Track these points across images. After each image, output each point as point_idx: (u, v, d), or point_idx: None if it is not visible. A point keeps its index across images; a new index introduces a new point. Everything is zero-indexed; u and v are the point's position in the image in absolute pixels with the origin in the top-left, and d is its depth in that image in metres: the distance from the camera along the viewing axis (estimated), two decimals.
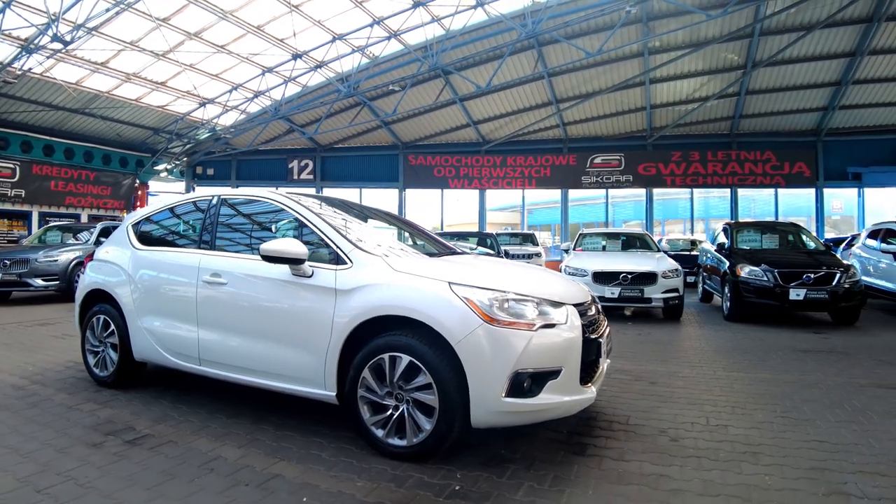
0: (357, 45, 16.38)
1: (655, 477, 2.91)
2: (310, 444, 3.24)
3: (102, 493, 2.59)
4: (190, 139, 21.61)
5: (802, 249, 9.63)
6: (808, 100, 18.28)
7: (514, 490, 2.69)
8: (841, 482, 2.90)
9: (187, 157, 22.85)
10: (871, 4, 14.04)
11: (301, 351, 3.28)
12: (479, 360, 2.81)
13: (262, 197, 3.98)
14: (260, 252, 3.31)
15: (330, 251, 3.35)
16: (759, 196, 22.93)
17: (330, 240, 3.39)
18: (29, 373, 4.79)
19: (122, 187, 21.69)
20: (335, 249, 3.33)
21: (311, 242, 3.44)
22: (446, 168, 23.05)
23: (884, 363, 5.81)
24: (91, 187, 20.64)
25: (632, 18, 14.52)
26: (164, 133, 20.85)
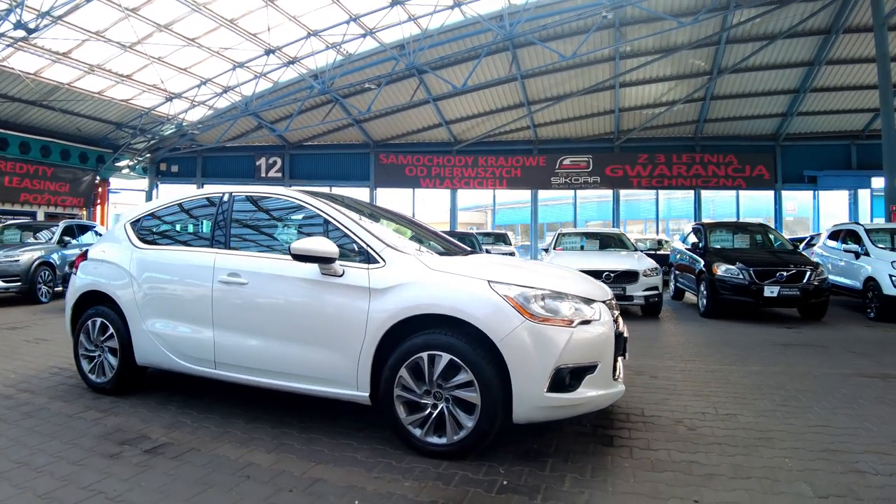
0: (332, 41, 16.23)
1: (686, 464, 3.02)
2: (341, 446, 3.18)
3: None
4: (154, 135, 20.94)
5: (773, 249, 10.05)
6: (768, 106, 19.07)
7: (559, 482, 2.75)
8: (853, 461, 3.10)
9: (151, 154, 22.13)
10: (830, 17, 14.78)
11: (332, 351, 3.22)
12: (522, 356, 2.86)
13: (278, 194, 3.88)
14: (291, 251, 3.22)
15: (360, 250, 3.29)
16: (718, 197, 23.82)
17: (360, 238, 3.34)
18: (12, 380, 4.50)
19: (81, 184, 20.83)
20: (365, 248, 3.28)
21: (338, 241, 3.39)
22: (418, 167, 23.04)
23: (859, 355, 6.14)
24: (48, 184, 19.74)
25: (605, 23, 14.84)
26: (128, 128, 20.14)
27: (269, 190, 3.99)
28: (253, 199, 4.01)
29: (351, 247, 3.33)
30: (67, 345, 5.94)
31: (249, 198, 4.01)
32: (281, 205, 3.93)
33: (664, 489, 2.71)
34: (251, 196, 4.02)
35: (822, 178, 20.14)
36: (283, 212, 3.96)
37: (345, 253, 3.31)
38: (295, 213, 3.87)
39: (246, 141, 21.59)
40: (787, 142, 20.42)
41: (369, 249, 3.27)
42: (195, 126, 19.62)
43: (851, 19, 14.70)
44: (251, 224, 3.97)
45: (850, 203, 20.19)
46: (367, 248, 3.28)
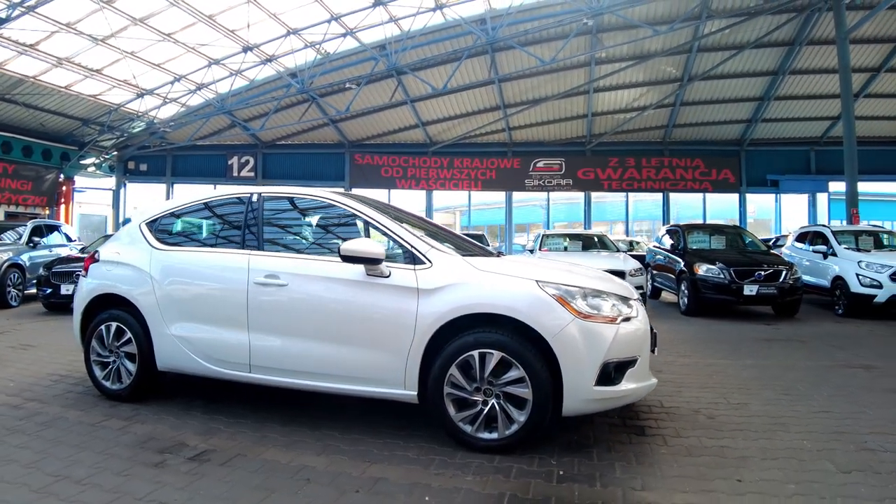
0: (311, 40, 16.12)
1: (718, 448, 3.23)
2: (388, 445, 3.21)
3: None
4: (123, 132, 20.33)
5: (748, 249, 10.52)
6: (734, 112, 19.84)
7: (610, 470, 2.91)
8: (862, 441, 3.39)
9: (118, 152, 21.47)
10: (794, 30, 15.52)
11: (379, 352, 3.25)
12: (572, 352, 3.00)
13: (312, 195, 3.89)
14: (340, 252, 3.25)
15: (404, 251, 3.35)
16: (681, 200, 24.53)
17: (404, 240, 3.39)
18: (13, 389, 4.29)
19: (44, 182, 20.06)
20: (410, 249, 3.34)
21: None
22: (394, 168, 23.04)
23: (837, 348, 6.54)
24: (9, 181, 18.92)
25: (583, 30, 15.20)
26: (95, 125, 19.50)
27: (303, 191, 3.98)
28: (285, 200, 4.01)
29: (394, 248, 3.38)
30: (58, 350, 5.79)
31: (281, 199, 4.00)
32: (315, 205, 3.94)
33: (707, 472, 2.90)
34: (283, 197, 4.01)
35: (784, 181, 21.06)
36: (319, 213, 3.97)
37: (388, 254, 3.34)
38: (332, 214, 3.89)
39: (218, 140, 21.19)
40: (751, 147, 21.26)
41: (414, 251, 3.33)
42: (167, 124, 19.15)
43: (814, 33, 15.47)
44: (285, 225, 3.98)
45: (809, 206, 21.17)
46: (412, 249, 3.34)
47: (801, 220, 21.14)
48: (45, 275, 9.20)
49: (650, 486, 2.72)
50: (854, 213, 12.54)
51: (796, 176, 21.03)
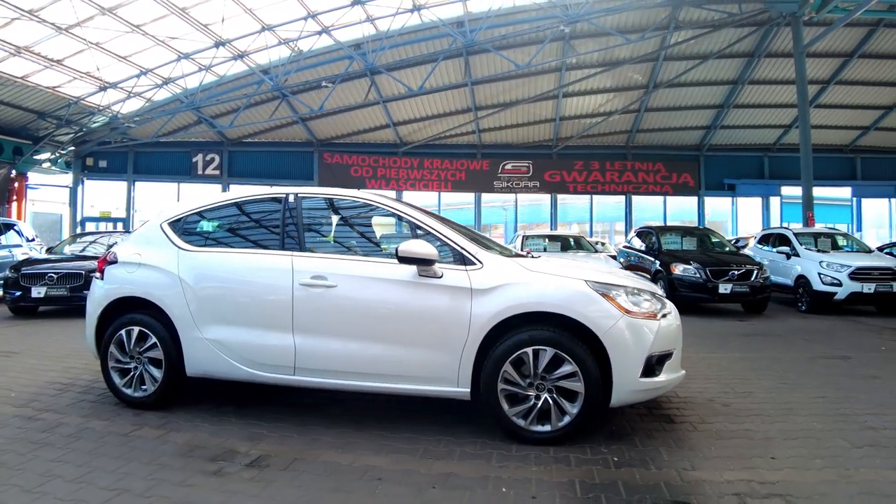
0: (285, 37, 15.93)
1: (743, 431, 3.52)
2: (442, 442, 3.28)
3: None
4: (82, 127, 19.50)
5: (719, 250, 11.06)
6: (695, 119, 20.72)
7: (657, 454, 3.13)
8: (863, 421, 3.76)
9: (76, 147, 20.57)
10: (755, 42, 16.37)
11: (432, 350, 3.33)
12: (622, 347, 3.19)
13: (353, 196, 3.93)
14: (398, 253, 3.30)
15: (454, 252, 3.44)
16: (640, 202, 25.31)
17: (453, 241, 3.48)
18: (19, 400, 4.06)
19: None
20: (460, 251, 3.43)
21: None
22: (363, 168, 22.96)
23: (811, 341, 7.04)
24: None
25: (557, 36, 15.59)
26: (51, 118, 18.63)
27: (340, 192, 4.02)
28: (323, 201, 4.03)
29: (443, 249, 3.45)
30: (47, 357, 5.56)
31: (319, 199, 4.02)
32: (354, 205, 3.98)
33: (742, 451, 3.18)
34: (321, 197, 4.02)
35: (740, 185, 22.11)
36: (360, 214, 4.00)
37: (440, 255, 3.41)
38: (376, 215, 3.92)
39: (182, 137, 20.58)
40: (709, 152, 22.21)
41: (464, 252, 3.43)
42: (131, 119, 18.51)
43: (772, 46, 16.36)
44: (326, 226, 4.00)
45: (763, 209, 22.29)
46: (462, 250, 3.44)
47: (755, 222, 22.25)
48: (12, 276, 8.78)
49: (699, 467, 2.95)
50: (810, 216, 13.34)
51: (751, 180, 22.11)
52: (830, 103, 18.85)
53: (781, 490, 2.69)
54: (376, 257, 3.66)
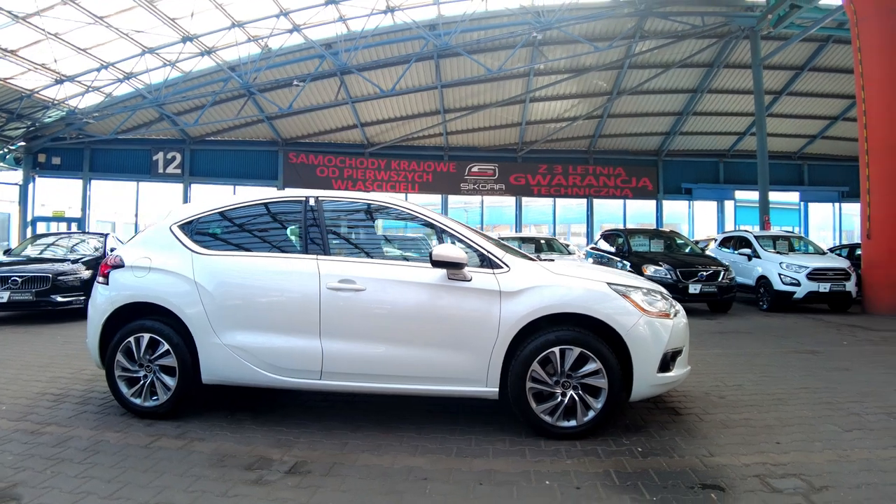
0: (255, 34, 15.70)
1: (745, 420, 3.79)
2: (472, 441, 3.37)
3: None
4: (34, 121, 18.62)
5: (686, 252, 11.57)
6: (655, 125, 21.49)
7: (674, 444, 3.34)
8: (846, 408, 4.10)
9: (27, 143, 19.59)
10: (714, 53, 17.16)
11: (462, 352, 3.41)
12: (642, 345, 3.39)
13: (376, 200, 3.99)
14: (432, 257, 3.38)
15: (481, 256, 3.54)
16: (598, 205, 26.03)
17: (480, 246, 3.59)
18: (14, 413, 3.82)
19: None
20: (487, 255, 3.54)
21: None
22: (329, 168, 22.75)
23: (780, 337, 7.50)
24: None
25: (528, 42, 15.93)
26: (1, 111, 17.72)
27: (360, 196, 4.10)
28: (347, 204, 4.06)
29: (470, 253, 3.53)
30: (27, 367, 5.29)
31: (342, 202, 4.04)
32: (376, 209, 4.02)
33: (748, 438, 3.43)
34: (343, 201, 4.05)
35: (696, 189, 23.04)
36: (385, 217, 4.06)
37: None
38: (400, 219, 3.98)
39: (142, 134, 19.91)
40: (667, 157, 23.06)
41: (491, 256, 3.54)
42: (89, 114, 17.79)
43: (730, 57, 17.19)
44: (350, 230, 4.03)
45: (718, 212, 23.30)
46: (489, 254, 3.55)
47: (710, 225, 23.23)
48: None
49: (716, 453, 3.18)
50: (766, 219, 14.10)
51: (707, 185, 23.07)
52: (781, 113, 19.90)
53: (794, 470, 2.94)
54: (404, 261, 3.73)
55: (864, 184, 9.79)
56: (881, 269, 9.49)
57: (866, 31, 9.51)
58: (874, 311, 9.53)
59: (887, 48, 9.38)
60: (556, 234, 26.00)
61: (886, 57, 9.37)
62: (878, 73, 9.44)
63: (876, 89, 9.46)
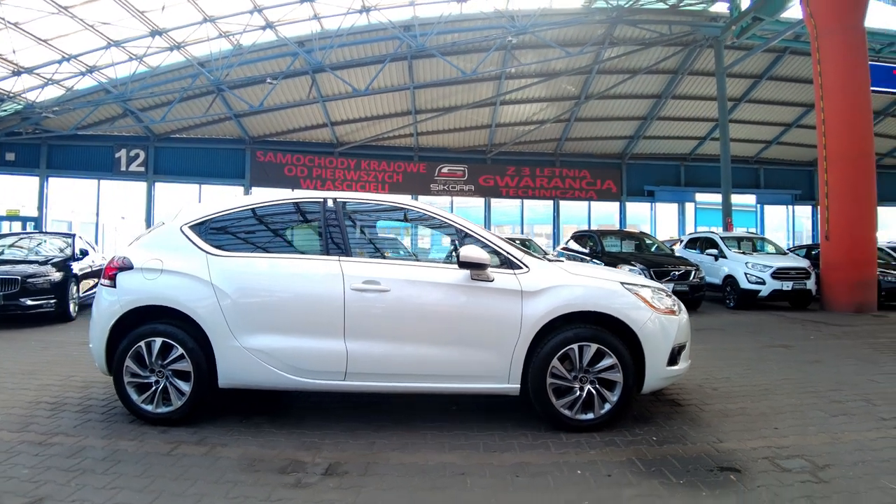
0: (227, 30, 15.44)
1: (741, 409, 4.07)
2: (494, 437, 3.47)
3: None
4: None
5: (656, 252, 12.02)
6: (620, 129, 22.15)
7: (683, 432, 3.57)
8: (828, 395, 4.45)
9: None
10: (679, 61, 17.84)
11: (486, 350, 3.52)
12: (654, 340, 3.61)
13: (394, 203, 4.07)
14: (460, 258, 3.48)
15: (501, 257, 3.65)
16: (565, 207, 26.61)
17: (499, 247, 3.70)
18: (11, 424, 3.63)
19: None
20: (507, 256, 3.66)
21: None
22: (298, 167, 22.50)
23: (752, 333, 7.92)
24: None
25: (501, 46, 16.20)
26: None
27: (382, 197, 4.16)
28: (367, 206, 4.12)
29: (491, 254, 3.63)
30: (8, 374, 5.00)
31: (362, 204, 4.09)
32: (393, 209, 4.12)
33: (748, 425, 3.71)
34: (364, 202, 4.10)
35: (658, 192, 23.84)
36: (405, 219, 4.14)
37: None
38: (421, 220, 4.06)
39: (104, 130, 19.27)
40: (631, 160, 23.78)
41: (511, 257, 3.67)
42: (48, 108, 17.10)
43: (694, 65, 17.90)
44: (371, 231, 4.09)
45: (679, 214, 24.15)
46: (509, 255, 3.67)
47: (671, 226, 24.05)
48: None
49: (724, 440, 3.42)
50: (729, 221, 14.76)
51: (668, 187, 23.91)
52: (740, 119, 20.80)
53: (796, 452, 3.20)
54: (425, 262, 3.83)
55: (823, 189, 10.39)
56: (839, 269, 10.11)
57: (826, 46, 10.12)
58: (832, 308, 10.14)
59: (846, 63, 10.01)
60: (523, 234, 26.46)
61: (845, 71, 9.99)
62: (837, 86, 10.06)
63: (834, 101, 10.07)
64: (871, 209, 10.14)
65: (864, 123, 10.10)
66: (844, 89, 9.98)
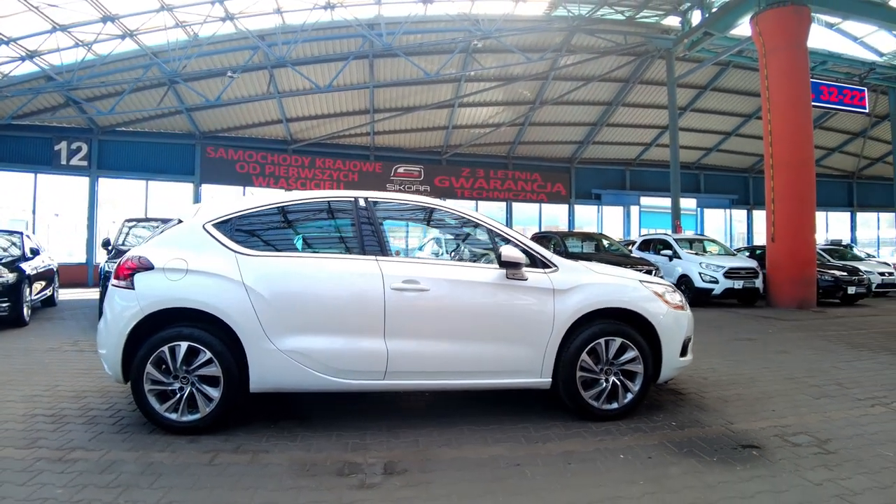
0: (183, 19, 14.90)
1: (737, 395, 4.49)
2: (529, 429, 3.64)
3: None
4: None
5: (616, 253, 12.59)
6: (571, 134, 22.91)
7: (696, 417, 3.91)
8: (805, 381, 4.96)
9: None
10: (631, 70, 18.69)
11: (521, 346, 3.69)
12: (669, 333, 3.92)
13: (420, 202, 4.18)
14: (501, 258, 3.65)
15: (531, 257, 3.82)
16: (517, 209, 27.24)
17: (530, 247, 3.87)
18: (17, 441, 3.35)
19: None
20: (537, 255, 3.85)
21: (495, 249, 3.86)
22: (250, 164, 21.91)
23: (715, 328, 8.51)
24: None
25: (464, 48, 16.45)
26: None
27: (406, 197, 4.24)
28: (399, 205, 4.18)
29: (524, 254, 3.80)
30: None
31: (395, 203, 4.15)
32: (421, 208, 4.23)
33: (748, 408, 4.12)
34: (392, 202, 4.13)
35: (605, 195, 24.82)
36: (437, 219, 4.26)
37: None
38: (452, 221, 4.21)
39: (43, 120, 18.09)
40: (580, 165, 24.62)
41: (541, 257, 3.86)
42: None
43: (644, 75, 18.80)
44: (404, 230, 4.18)
45: (625, 217, 25.22)
46: (540, 255, 3.87)
47: (617, 229, 25.07)
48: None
49: (734, 422, 3.79)
50: (678, 224, 15.63)
51: (615, 191, 24.92)
52: (684, 126, 21.92)
53: (799, 430, 3.61)
54: (461, 261, 3.98)
55: (770, 194, 11.26)
56: (783, 268, 11.00)
57: (773, 63, 10.98)
58: (777, 305, 11.01)
59: (791, 78, 10.91)
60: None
61: (790, 86, 10.89)
62: (783, 100, 10.94)
63: (780, 114, 10.95)
64: (812, 213, 11.10)
65: (806, 134, 11.04)
66: (789, 103, 10.88)
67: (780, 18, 11.01)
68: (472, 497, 2.71)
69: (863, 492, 2.73)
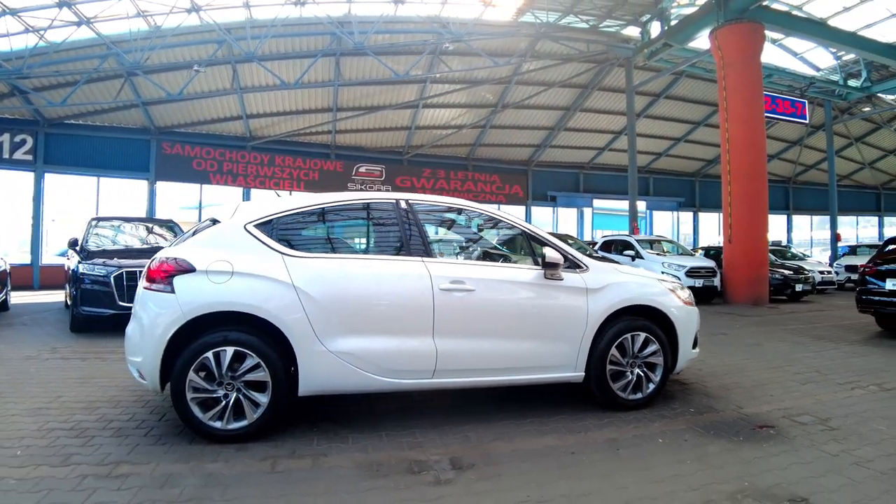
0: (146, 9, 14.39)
1: (735, 384, 4.94)
2: (567, 420, 3.85)
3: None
4: None
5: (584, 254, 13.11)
6: (529, 138, 23.54)
7: (708, 403, 4.31)
8: (788, 369, 5.49)
9: None
10: (591, 77, 19.43)
11: (559, 343, 3.93)
12: (685, 327, 4.30)
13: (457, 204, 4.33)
14: (546, 259, 3.87)
15: (565, 258, 4.02)
16: None
17: (562, 248, 4.07)
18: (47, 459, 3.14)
19: None
20: (570, 257, 4.06)
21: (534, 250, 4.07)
22: (207, 161, 21.29)
23: None
24: None
25: (432, 50, 16.66)
26: None
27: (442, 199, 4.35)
28: (435, 207, 4.31)
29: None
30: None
31: (435, 205, 4.28)
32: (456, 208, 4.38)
33: (751, 394, 4.57)
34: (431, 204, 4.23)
35: (560, 197, 25.63)
36: (476, 221, 4.43)
37: None
38: (490, 223, 4.42)
39: None
40: (536, 167, 25.31)
41: (573, 258, 4.09)
42: None
43: (603, 81, 19.59)
44: (445, 232, 4.35)
45: (578, 218, 26.12)
46: (572, 256, 4.09)
47: (572, 229, 25.91)
48: None
49: (743, 406, 4.22)
50: (635, 226, 16.41)
51: (569, 193, 25.78)
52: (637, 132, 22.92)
53: (801, 411, 4.07)
54: (501, 262, 4.16)
55: (727, 199, 12.07)
56: (739, 267, 11.82)
57: (732, 76, 11.79)
58: (734, 302, 11.82)
59: (747, 91, 11.74)
60: None
61: (748, 99, 11.72)
62: (740, 111, 11.77)
63: (738, 124, 11.77)
64: (765, 218, 11.99)
65: (761, 143, 11.94)
66: (746, 114, 11.72)
67: (737, 34, 11.84)
68: (548, 483, 2.89)
69: (873, 459, 3.18)
